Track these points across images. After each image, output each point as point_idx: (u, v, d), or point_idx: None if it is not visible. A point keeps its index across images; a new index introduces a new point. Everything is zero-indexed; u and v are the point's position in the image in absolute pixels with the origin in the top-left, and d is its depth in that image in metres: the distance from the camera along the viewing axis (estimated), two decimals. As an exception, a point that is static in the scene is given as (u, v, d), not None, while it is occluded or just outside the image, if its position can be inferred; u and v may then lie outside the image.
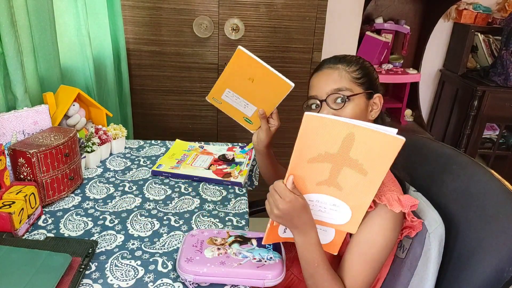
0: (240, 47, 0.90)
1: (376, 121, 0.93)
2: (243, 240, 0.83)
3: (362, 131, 0.66)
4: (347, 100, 0.86)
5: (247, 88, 0.97)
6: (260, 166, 1.12)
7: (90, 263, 0.80)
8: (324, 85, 0.88)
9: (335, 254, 0.83)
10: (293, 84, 0.92)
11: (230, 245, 0.82)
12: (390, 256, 0.92)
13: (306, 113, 0.66)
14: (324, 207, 0.77)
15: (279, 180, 0.74)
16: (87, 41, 1.44)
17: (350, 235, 0.83)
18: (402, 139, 0.64)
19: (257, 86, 0.95)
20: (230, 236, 0.85)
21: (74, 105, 1.21)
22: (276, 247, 0.84)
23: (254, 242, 0.83)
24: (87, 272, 0.78)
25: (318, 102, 0.89)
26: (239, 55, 0.91)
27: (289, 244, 0.97)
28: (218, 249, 0.80)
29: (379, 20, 2.59)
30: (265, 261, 0.78)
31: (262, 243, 0.81)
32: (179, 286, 0.77)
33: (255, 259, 0.78)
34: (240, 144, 1.42)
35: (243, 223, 0.99)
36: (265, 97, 0.97)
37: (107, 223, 0.95)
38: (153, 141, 1.43)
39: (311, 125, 0.67)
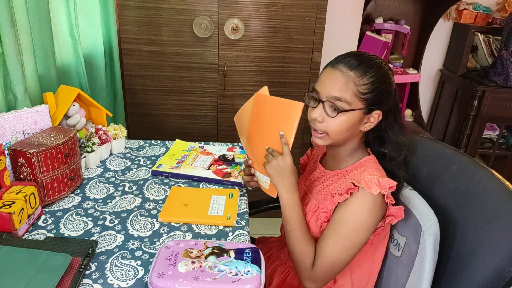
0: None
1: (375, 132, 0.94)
2: (220, 252, 0.80)
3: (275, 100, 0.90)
4: (340, 112, 0.86)
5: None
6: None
7: (90, 263, 0.80)
8: (328, 88, 0.87)
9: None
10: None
11: (206, 257, 0.78)
12: (375, 246, 0.94)
13: (262, 92, 0.93)
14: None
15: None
16: (78, 40, 1.44)
17: (332, 213, 0.91)
18: (301, 104, 0.86)
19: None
20: (208, 247, 0.81)
21: (74, 105, 1.21)
22: (255, 259, 0.79)
23: (232, 254, 0.79)
24: (87, 272, 0.78)
25: (318, 99, 0.89)
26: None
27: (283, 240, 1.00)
28: (193, 262, 0.76)
29: (379, 20, 2.58)
30: (242, 275, 0.74)
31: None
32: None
33: (231, 272, 0.74)
34: (240, 144, 1.42)
35: (243, 223, 0.99)
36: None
37: (107, 223, 0.95)
38: (153, 141, 1.43)
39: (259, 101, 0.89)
